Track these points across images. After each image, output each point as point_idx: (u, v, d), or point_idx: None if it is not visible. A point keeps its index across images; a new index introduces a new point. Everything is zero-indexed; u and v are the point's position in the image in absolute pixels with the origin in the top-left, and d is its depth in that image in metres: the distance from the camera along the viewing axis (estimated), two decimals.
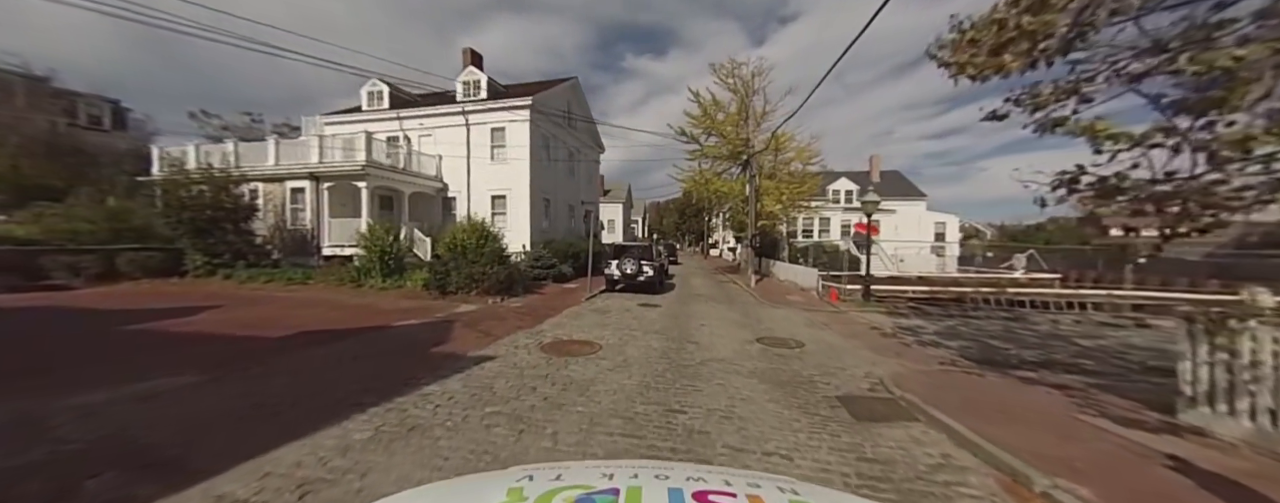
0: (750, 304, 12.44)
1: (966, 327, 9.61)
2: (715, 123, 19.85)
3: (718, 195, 20.42)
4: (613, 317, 9.46)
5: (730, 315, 10.32)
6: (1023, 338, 8.46)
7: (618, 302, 11.93)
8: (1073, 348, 7.59)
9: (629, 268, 13.44)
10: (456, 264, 10.91)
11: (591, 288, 13.45)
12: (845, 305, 12.17)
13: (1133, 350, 7.37)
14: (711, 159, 20.60)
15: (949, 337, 8.38)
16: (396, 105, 18.96)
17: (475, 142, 17.61)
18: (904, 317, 10.87)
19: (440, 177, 17.99)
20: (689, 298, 13.35)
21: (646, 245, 14.11)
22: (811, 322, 9.81)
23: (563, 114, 20.59)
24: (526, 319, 8.68)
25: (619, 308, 10.83)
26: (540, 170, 18.23)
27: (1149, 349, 7.24)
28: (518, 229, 17.13)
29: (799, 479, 1.09)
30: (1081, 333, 9.16)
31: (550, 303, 10.99)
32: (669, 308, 11.15)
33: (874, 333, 8.64)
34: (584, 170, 23.68)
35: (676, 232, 70.69)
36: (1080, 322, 10.72)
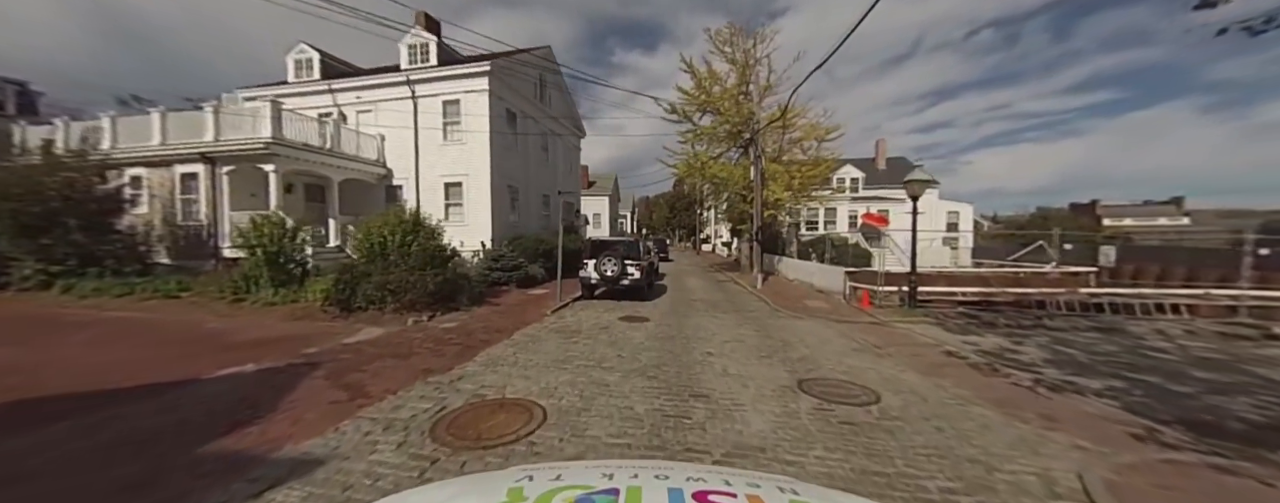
0: (764, 314, 9.73)
1: (1068, 347, 7.01)
2: (712, 98, 17.00)
3: (715, 182, 17.67)
4: (580, 343, 6.65)
5: (744, 335, 7.57)
6: (1178, 369, 5.86)
7: (593, 315, 9.11)
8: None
9: (609, 269, 10.62)
10: (372, 269, 7.97)
11: (563, 295, 10.61)
12: (882, 313, 9.54)
13: None
14: (707, 141, 17.79)
15: (1069, 368, 5.76)
16: (330, 75, 15.75)
17: (424, 118, 14.55)
18: (968, 331, 8.26)
19: (382, 160, 14.90)
20: (686, 306, 10.60)
21: (632, 241, 11.34)
22: (856, 343, 7.12)
23: (534, 88, 17.58)
24: (448, 353, 5.82)
25: (593, 325, 8.02)
26: (505, 153, 15.24)
27: None
28: (477, 223, 14.17)
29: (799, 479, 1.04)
30: (1239, 354, 6.62)
31: (501, 319, 8.13)
32: (660, 323, 8.38)
33: (958, 363, 5.98)
34: (562, 156, 20.72)
35: (667, 226, 68.08)
36: (1194, 332, 8.22)
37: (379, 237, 8.32)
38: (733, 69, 16.83)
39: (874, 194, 28.36)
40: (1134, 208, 69.11)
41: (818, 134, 15.20)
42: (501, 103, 14.88)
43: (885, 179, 29.91)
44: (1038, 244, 26.15)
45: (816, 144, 15.36)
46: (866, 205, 27.60)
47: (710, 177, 17.12)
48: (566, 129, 21.24)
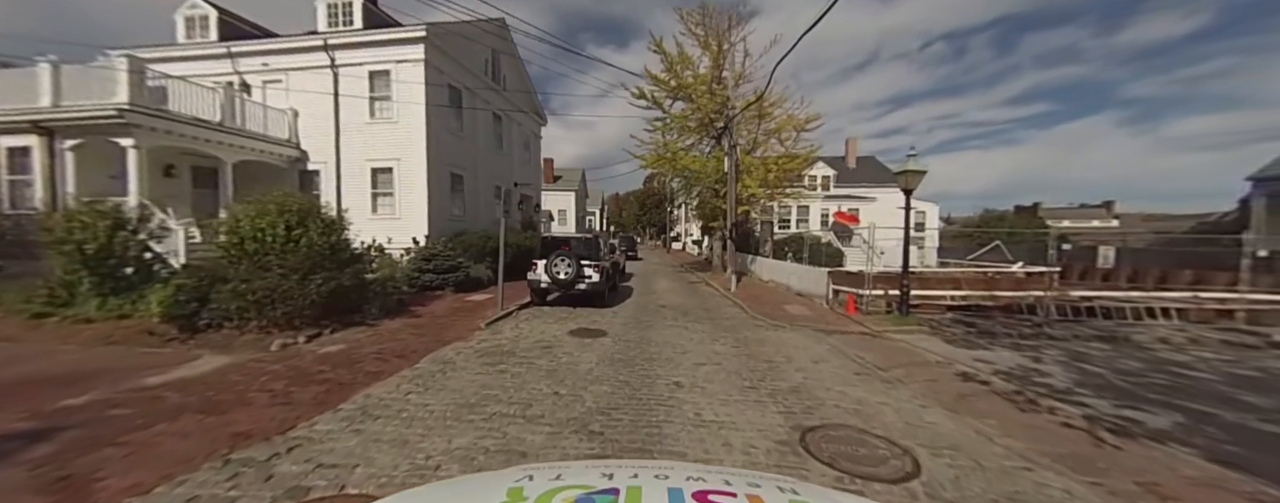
0: (741, 324, 8.40)
1: (1087, 362, 6.05)
2: (683, 83, 15.62)
3: (685, 174, 16.31)
4: (509, 372, 5.01)
5: (721, 354, 6.16)
6: (1224, 392, 4.92)
7: (538, 327, 7.47)
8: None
9: (562, 271, 8.98)
10: (234, 272, 5.97)
11: (507, 302, 8.89)
12: (871, 321, 8.45)
13: None
14: (678, 130, 16.39)
15: (1111, 395, 4.70)
16: (230, 37, 13.14)
17: (347, 91, 12.31)
18: (972, 344, 7.25)
19: (294, 140, 12.53)
20: (652, 314, 9.12)
21: (589, 238, 9.73)
22: (855, 363, 5.87)
23: (484, 65, 15.56)
24: (302, 399, 4.03)
25: (534, 343, 6.38)
26: (447, 136, 13.22)
27: None
28: (410, 216, 12.11)
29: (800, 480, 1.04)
30: (1268, 368, 5.84)
31: (413, 337, 6.34)
32: (620, 338, 6.85)
33: (983, 392, 4.81)
34: (519, 144, 18.75)
35: (637, 224, 66.70)
36: (1197, 341, 7.56)
37: (252, 229, 6.30)
38: (705, 53, 15.50)
39: (845, 193, 28.02)
40: (1071, 211, 74.10)
41: (796, 123, 14.12)
42: (442, 77, 12.84)
43: (855, 178, 29.69)
44: (995, 244, 26.59)
45: (795, 134, 14.29)
46: (838, 204, 27.20)
47: (681, 169, 15.73)
48: (525, 115, 19.27)
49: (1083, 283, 15.14)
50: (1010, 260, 22.51)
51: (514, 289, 10.35)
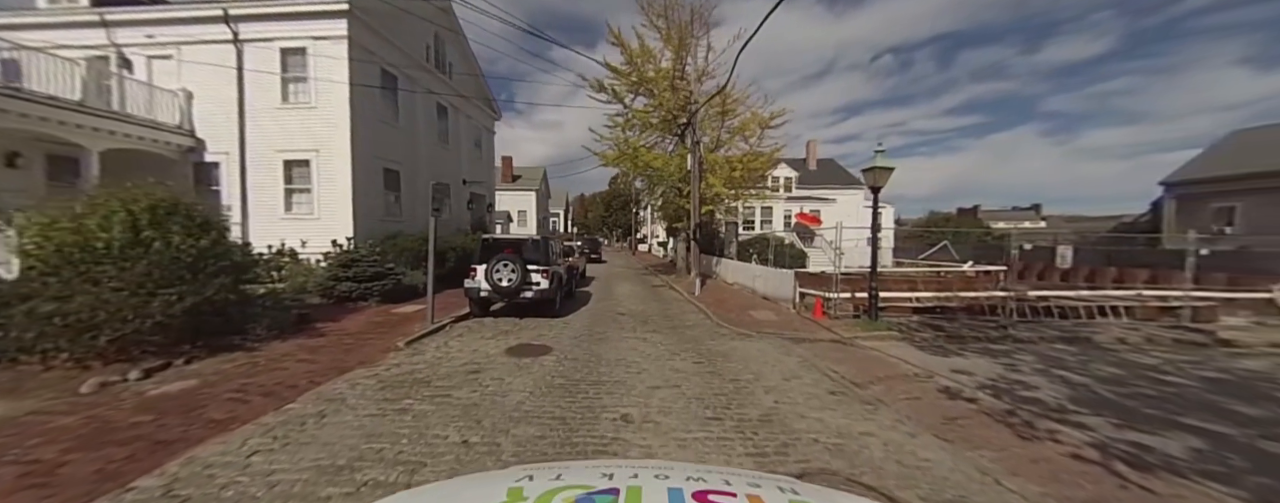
0: (704, 333, 7.65)
1: (1064, 370, 5.72)
2: (645, 77, 14.84)
3: (648, 173, 15.54)
4: (410, 414, 3.94)
5: (681, 373, 5.34)
6: (1211, 401, 4.63)
7: (469, 346, 6.37)
8: None
9: (505, 278, 7.89)
10: (50, 287, 4.50)
11: (441, 314, 7.71)
12: (840, 326, 7.96)
13: None
14: (640, 127, 15.59)
15: (1108, 412, 4.26)
16: (106, 1, 11.04)
17: (254, 70, 10.59)
18: (944, 350, 6.85)
19: (187, 126, 10.66)
20: (608, 323, 8.21)
21: (538, 240, 8.66)
22: (829, 378, 5.22)
23: (425, 51, 14.10)
24: (76, 477, 2.82)
25: (459, 367, 5.30)
26: (379, 126, 11.74)
27: None
28: (333, 215, 10.56)
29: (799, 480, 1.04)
30: (1232, 369, 5.71)
31: (301, 365, 5.09)
32: (567, 356, 5.88)
33: (972, 413, 4.25)
34: (468, 139, 17.31)
35: (603, 226, 65.60)
36: (1153, 340, 7.56)
37: (76, 234, 4.82)
38: (667, 47, 14.79)
39: (806, 194, 28.31)
40: (1005, 213, 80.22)
41: (761, 120, 13.68)
42: (372, 60, 11.36)
43: (816, 180, 30.14)
44: (943, 244, 27.71)
45: (760, 131, 13.85)
46: (800, 205, 27.40)
47: (642, 167, 14.92)
48: (476, 107, 17.84)
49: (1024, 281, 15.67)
50: (957, 259, 23.45)
51: (454, 299, 9.13)
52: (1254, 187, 19.48)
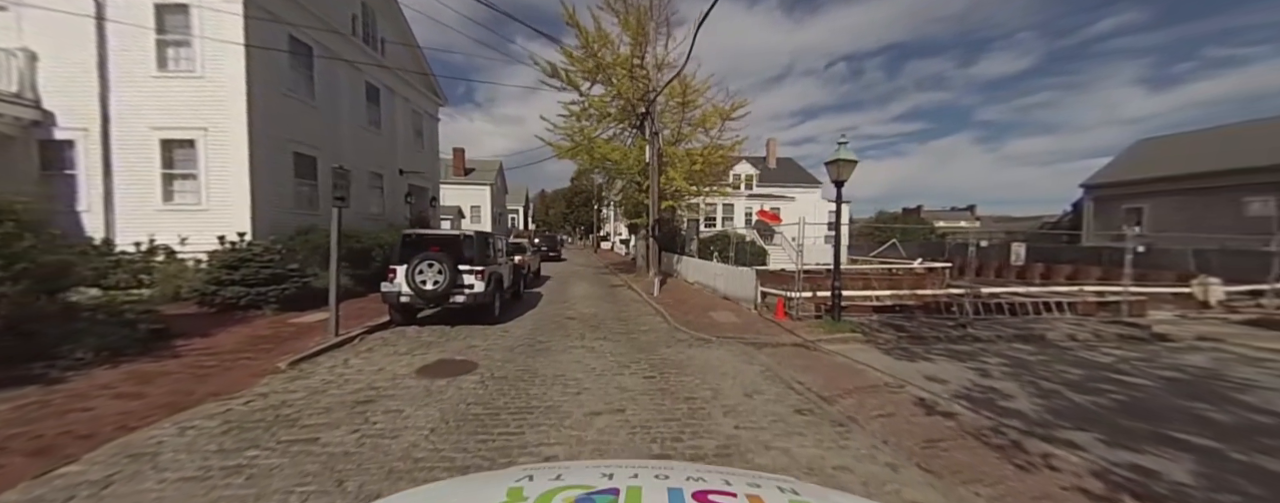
0: (660, 339, 6.92)
1: (1030, 372, 5.46)
2: (602, 63, 13.91)
3: (605, 165, 14.66)
4: (245, 474, 2.88)
5: (629, 393, 4.56)
6: (1179, 406, 4.42)
7: (374, 364, 5.26)
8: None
9: (429, 280, 6.77)
10: None
11: (349, 325, 6.49)
12: (802, 328, 7.50)
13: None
14: (598, 117, 14.65)
15: (1097, 428, 3.90)
16: None
17: (120, 29, 8.69)
18: (910, 354, 6.51)
19: (31, 95, 8.60)
20: (553, 330, 7.29)
21: (471, 236, 7.52)
22: (795, 391, 4.62)
23: (350, 22, 12.43)
24: None
25: (346, 397, 4.23)
26: (288, 104, 10.10)
27: None
28: (226, 206, 8.90)
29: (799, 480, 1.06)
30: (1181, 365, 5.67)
31: (118, 403, 3.84)
32: (495, 375, 4.94)
33: (954, 432, 3.75)
34: (405, 125, 15.65)
35: (565, 223, 63.92)
36: (1100, 335, 7.63)
37: None
38: (625, 32, 13.92)
39: (767, 192, 28.45)
40: (944, 213, 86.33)
41: (722, 112, 13.16)
42: (276, 21, 9.69)
43: (776, 178, 30.42)
44: (892, 242, 28.79)
45: (721, 123, 13.33)
46: (761, 203, 27.48)
47: (599, 159, 14.01)
48: (416, 91, 16.16)
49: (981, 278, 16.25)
50: (905, 256, 24.35)
51: (377, 305, 7.87)
52: (1157, 189, 21.43)
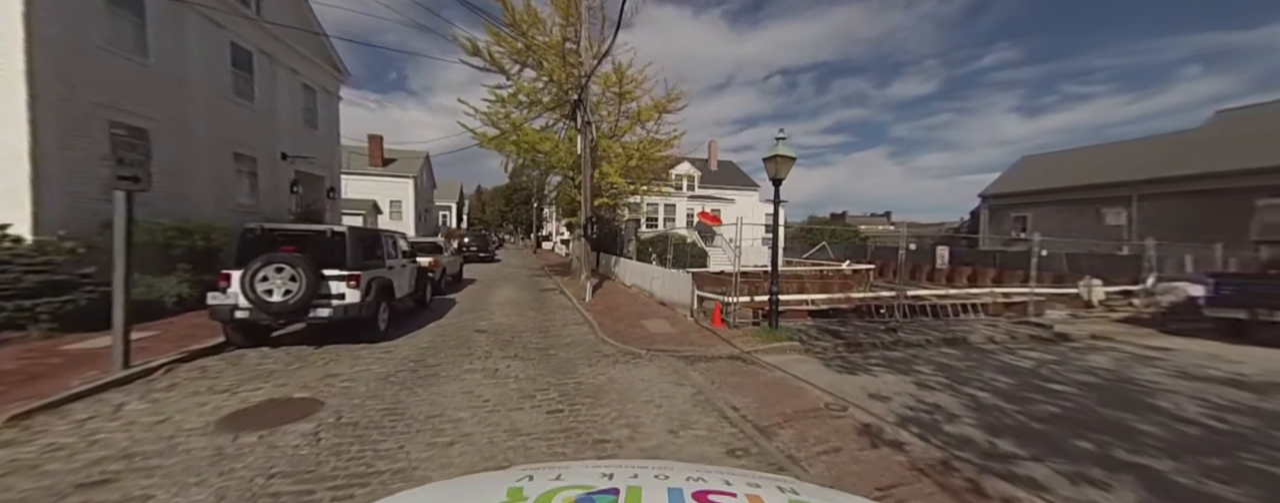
0: (583, 356, 5.93)
1: (964, 383, 5.23)
2: (533, 45, 12.61)
3: (535, 157, 13.34)
4: None
5: (525, 437, 3.56)
6: (1111, 418, 4.27)
7: (161, 412, 3.73)
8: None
9: (277, 289, 5.20)
10: None
11: (164, 348, 4.75)
12: (739, 337, 6.94)
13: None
14: (529, 104, 13.29)
15: (1047, 451, 3.54)
16: None
17: None
18: (849, 365, 6.13)
19: None
20: (453, 348, 6.01)
21: (342, 231, 5.90)
22: (728, 420, 3.88)
23: None
24: None
25: (58, 481, 2.75)
26: (96, 56, 7.76)
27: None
28: None
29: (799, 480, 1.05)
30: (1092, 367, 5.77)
31: None
32: (341, 419, 3.66)
33: (902, 465, 3.18)
34: (290, 100, 13.19)
35: (503, 222, 60.52)
36: (1014, 336, 7.89)
37: None
38: (556, 12, 12.73)
39: (708, 193, 28.55)
40: (865, 219, 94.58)
41: (659, 104, 12.45)
42: None
43: (717, 180, 30.69)
44: (821, 244, 30.25)
45: (658, 116, 12.61)
46: (702, 204, 27.47)
47: (527, 149, 12.69)
48: (305, 62, 13.67)
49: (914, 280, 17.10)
50: (834, 258, 25.58)
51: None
52: (1037, 200, 24.39)
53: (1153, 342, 7.97)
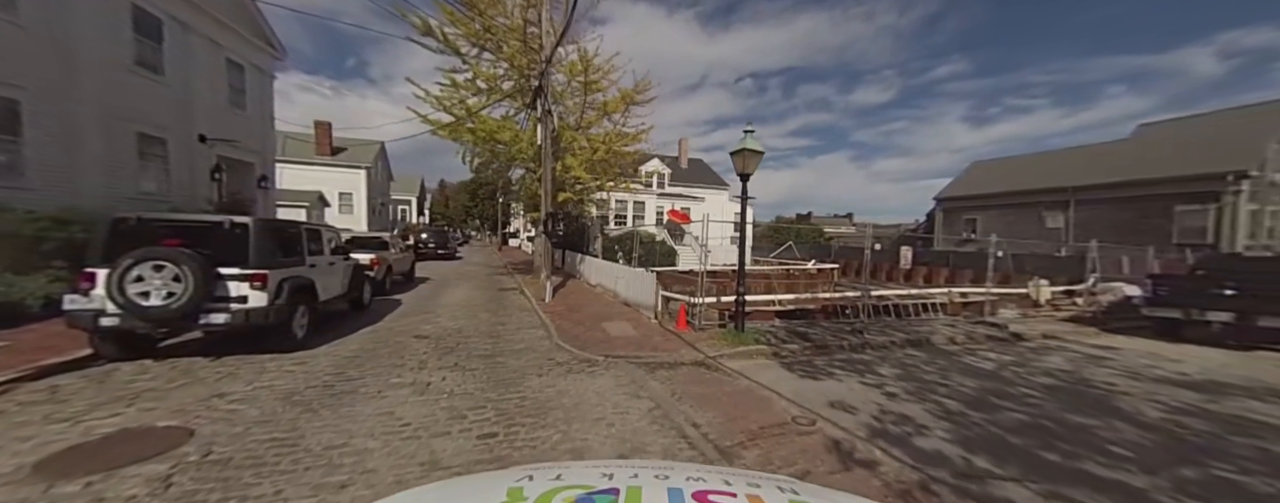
0: (534, 366, 5.35)
1: (933, 391, 5.05)
2: (491, 27, 11.76)
3: (494, 148, 12.49)
4: None
5: (446, 472, 2.94)
6: (1078, 423, 4.14)
7: None
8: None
9: (154, 290, 4.31)
10: None
11: (13, 361, 3.77)
12: (703, 340, 6.57)
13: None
14: (487, 91, 12.42)
15: (1025, 470, 3.30)
16: None
17: None
18: (816, 371, 5.86)
19: None
20: (383, 358, 5.28)
21: (245, 223, 5.00)
22: (688, 442, 3.46)
23: None
24: None
25: None
26: None
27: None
28: None
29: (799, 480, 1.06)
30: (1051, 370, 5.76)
31: None
32: (210, 455, 2.95)
33: (877, 488, 2.80)
34: (212, 76, 11.73)
35: (468, 217, 58.24)
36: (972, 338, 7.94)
37: None
38: None
39: (678, 191, 28.31)
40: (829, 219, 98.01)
41: (627, 95, 11.91)
42: None
43: (687, 178, 30.52)
44: (788, 244, 30.74)
45: (626, 107, 12.06)
46: (672, 202, 27.18)
47: (485, 138, 11.85)
48: (229, 33, 12.18)
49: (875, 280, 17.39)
50: (800, 257, 25.98)
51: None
52: (986, 204, 25.65)
53: (1099, 341, 8.24)
